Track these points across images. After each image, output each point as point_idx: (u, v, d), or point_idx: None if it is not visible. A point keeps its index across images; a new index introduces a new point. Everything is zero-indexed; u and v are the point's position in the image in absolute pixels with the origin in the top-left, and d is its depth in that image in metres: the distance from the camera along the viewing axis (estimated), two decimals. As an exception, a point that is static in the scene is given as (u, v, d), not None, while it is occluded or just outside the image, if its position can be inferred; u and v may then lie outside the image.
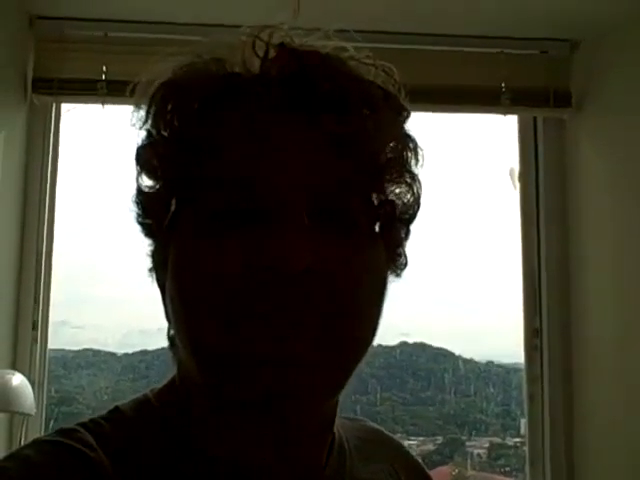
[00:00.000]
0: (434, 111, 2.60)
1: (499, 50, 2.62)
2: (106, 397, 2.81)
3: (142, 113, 0.62)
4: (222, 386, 0.56)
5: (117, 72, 2.40)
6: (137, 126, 0.62)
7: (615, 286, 2.46)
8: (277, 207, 0.55)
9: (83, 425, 0.60)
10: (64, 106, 2.56)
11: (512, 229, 2.73)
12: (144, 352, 2.88)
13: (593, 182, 2.59)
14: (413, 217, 0.65)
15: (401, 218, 0.64)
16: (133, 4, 2.43)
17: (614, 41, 2.49)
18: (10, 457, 0.57)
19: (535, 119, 2.74)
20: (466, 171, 2.78)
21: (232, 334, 0.54)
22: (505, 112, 2.63)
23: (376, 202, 0.61)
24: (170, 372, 0.65)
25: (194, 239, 0.57)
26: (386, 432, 0.81)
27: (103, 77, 2.42)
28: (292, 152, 0.57)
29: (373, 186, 0.61)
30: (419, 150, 0.63)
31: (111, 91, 2.39)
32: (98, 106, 2.42)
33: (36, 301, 2.45)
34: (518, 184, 2.73)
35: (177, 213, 0.60)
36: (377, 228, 0.62)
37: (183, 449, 0.60)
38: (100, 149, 2.57)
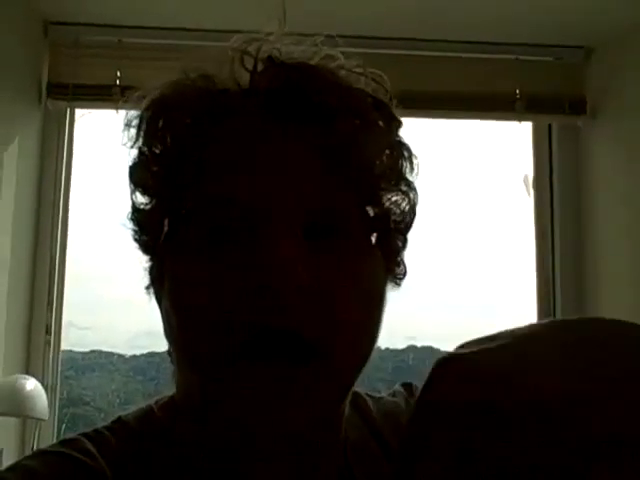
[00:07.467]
0: (449, 118, 2.60)
1: (514, 57, 2.61)
2: (116, 399, 2.81)
3: (133, 131, 0.61)
4: (221, 405, 0.56)
5: (131, 78, 2.41)
6: (128, 145, 0.61)
7: (631, 293, 2.44)
8: (271, 224, 0.54)
9: (85, 435, 0.60)
10: (78, 111, 2.57)
11: (526, 236, 2.71)
12: (152, 354, 2.86)
13: (608, 189, 2.57)
14: (409, 226, 0.64)
15: (398, 227, 0.63)
16: (146, 10, 2.43)
17: (628, 48, 2.48)
18: (12, 468, 0.57)
19: (550, 126, 2.73)
20: (481, 178, 2.77)
21: (227, 353, 0.54)
22: (520, 119, 2.62)
23: (372, 213, 0.60)
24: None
25: (189, 257, 0.57)
26: (404, 395, 0.73)
27: (117, 82, 2.44)
28: (285, 168, 0.56)
29: (368, 197, 0.60)
30: (414, 158, 0.62)
31: (125, 96, 2.40)
32: (112, 111, 2.43)
33: (50, 305, 2.46)
34: (532, 191, 2.72)
35: (172, 230, 0.60)
36: (374, 239, 0.61)
37: (184, 462, 0.60)
38: (114, 154, 2.58)
